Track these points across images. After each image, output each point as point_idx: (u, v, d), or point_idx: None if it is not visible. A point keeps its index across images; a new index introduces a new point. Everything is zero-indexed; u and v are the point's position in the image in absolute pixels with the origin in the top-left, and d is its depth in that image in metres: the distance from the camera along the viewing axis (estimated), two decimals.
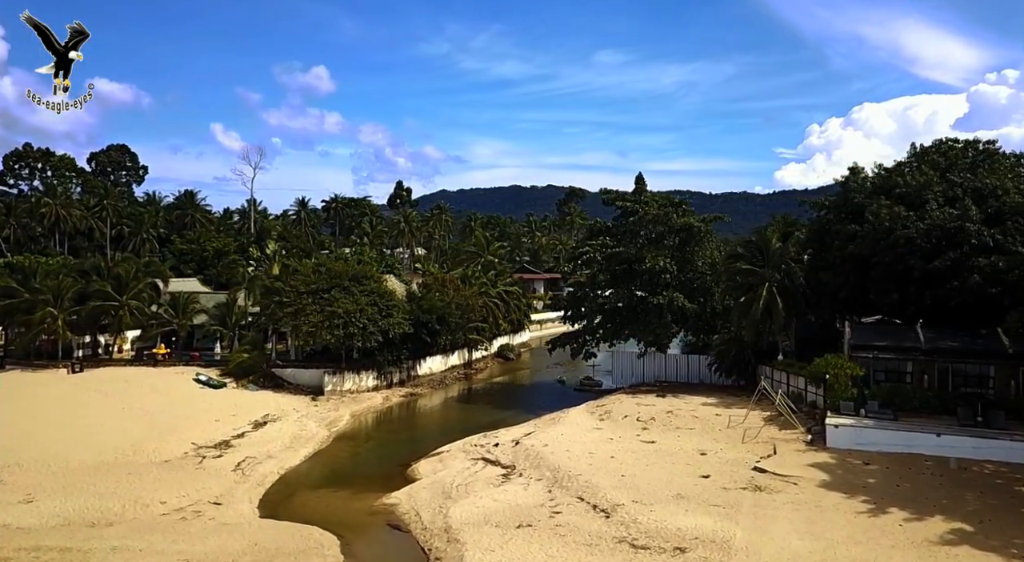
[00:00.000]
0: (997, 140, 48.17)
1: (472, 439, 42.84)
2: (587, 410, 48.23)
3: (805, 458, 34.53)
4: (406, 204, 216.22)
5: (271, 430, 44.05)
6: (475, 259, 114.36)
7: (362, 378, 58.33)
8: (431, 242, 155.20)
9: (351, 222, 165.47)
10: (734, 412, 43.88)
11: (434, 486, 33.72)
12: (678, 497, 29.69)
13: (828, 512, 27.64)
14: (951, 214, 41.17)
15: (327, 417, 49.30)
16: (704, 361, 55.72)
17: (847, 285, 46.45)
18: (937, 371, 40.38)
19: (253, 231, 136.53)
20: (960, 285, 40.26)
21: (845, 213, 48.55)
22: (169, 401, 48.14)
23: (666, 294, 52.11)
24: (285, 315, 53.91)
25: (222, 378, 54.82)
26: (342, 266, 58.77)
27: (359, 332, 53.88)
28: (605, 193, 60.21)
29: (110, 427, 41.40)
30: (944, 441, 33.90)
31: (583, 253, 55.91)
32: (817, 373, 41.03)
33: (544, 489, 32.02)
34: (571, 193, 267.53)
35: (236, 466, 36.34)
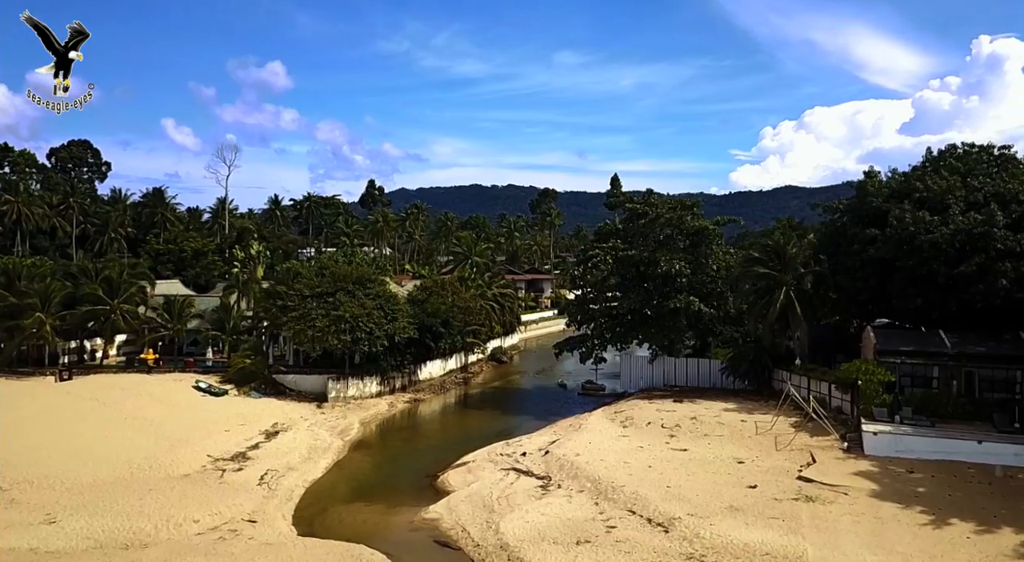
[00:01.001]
0: (1013, 145, 48.56)
1: (495, 448, 41.72)
2: (606, 416, 47.39)
3: (846, 466, 34.09)
4: (378, 203, 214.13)
5: (285, 440, 42.38)
6: (462, 260, 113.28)
7: (366, 384, 56.75)
8: (411, 242, 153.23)
9: (320, 221, 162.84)
10: (758, 418, 43.37)
11: (472, 499, 32.54)
12: (732, 509, 28.97)
13: (890, 524, 27.15)
14: (977, 219, 41.18)
15: (337, 425, 47.72)
16: (715, 365, 55.29)
17: (866, 289, 46.34)
18: (964, 376, 40.38)
19: (228, 231, 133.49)
20: (986, 289, 40.29)
21: (861, 216, 48.50)
22: (172, 410, 46.16)
23: (681, 298, 51.51)
24: (289, 319, 52.11)
25: (222, 385, 52.83)
26: (345, 269, 57.10)
27: (366, 337, 52.36)
28: (611, 195, 59.65)
29: (116, 439, 39.42)
30: (986, 448, 33.71)
31: (593, 256, 55.05)
32: (846, 378, 40.72)
33: (590, 502, 31.10)
34: (544, 194, 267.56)
35: (260, 480, 34.72)
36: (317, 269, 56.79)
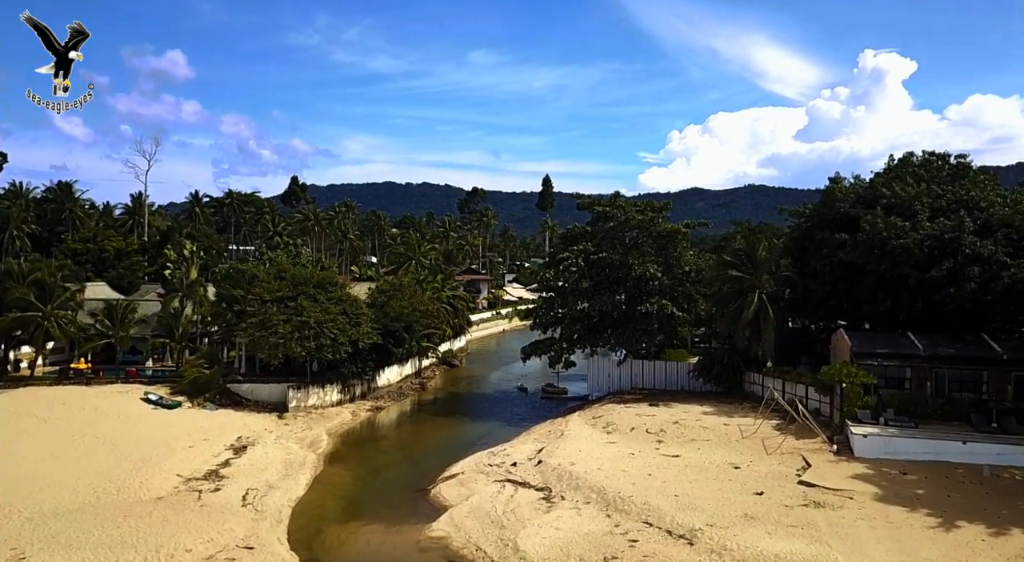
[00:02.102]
0: (968, 155, 50.65)
1: (481, 458, 40.37)
2: (586, 422, 46.72)
3: (841, 469, 34.49)
4: (302, 201, 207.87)
5: (256, 456, 39.75)
6: (405, 261, 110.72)
7: (327, 392, 54.25)
8: (344, 241, 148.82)
9: (240, 219, 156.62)
10: (740, 421, 43.66)
11: (476, 514, 31.18)
12: (748, 518, 28.70)
13: (904, 529, 27.40)
14: (947, 225, 42.64)
15: (305, 437, 45.29)
16: (683, 368, 55.55)
17: (836, 292, 47.41)
18: (935, 377, 41.69)
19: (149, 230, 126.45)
20: (956, 293, 41.76)
21: (828, 221, 49.63)
22: (124, 426, 42.75)
23: (654, 301, 51.42)
24: (248, 326, 49.15)
25: (174, 397, 49.40)
26: (304, 272, 54.41)
27: (330, 343, 49.98)
28: (579, 198, 59.09)
29: (69, 460, 36.04)
30: (970, 448, 34.78)
31: (563, 259, 54.32)
32: (828, 381, 41.41)
33: (600, 514, 30.27)
34: (472, 193, 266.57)
35: (243, 500, 32.26)
36: (275, 272, 53.77)
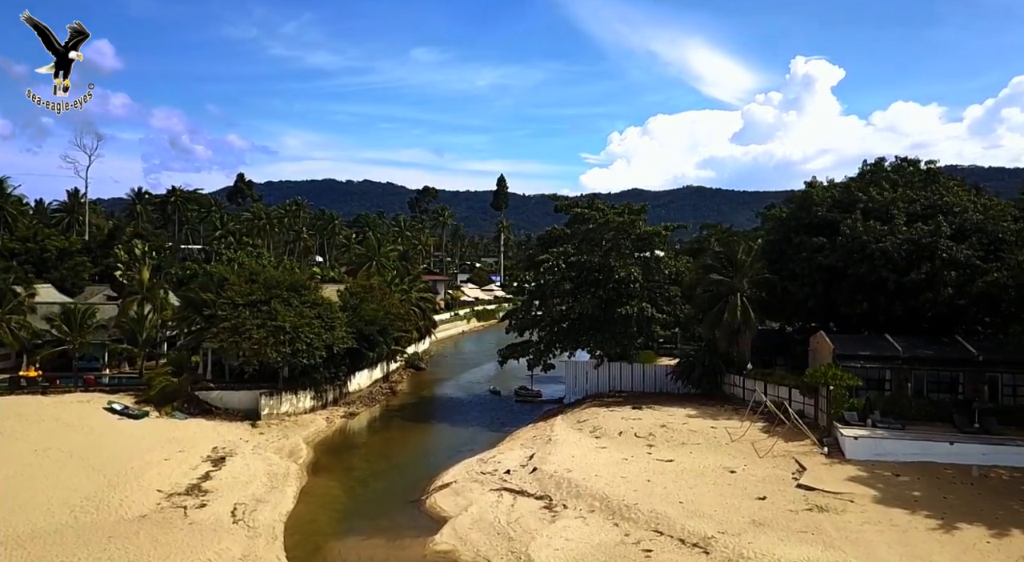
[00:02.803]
0: (937, 160, 52.06)
1: (470, 465, 39.58)
2: (571, 426, 46.27)
3: (836, 472, 34.81)
4: (248, 198, 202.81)
5: (236, 468, 38.07)
6: (365, 262, 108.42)
7: (299, 399, 52.51)
8: (298, 241, 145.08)
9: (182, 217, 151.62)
10: (725, 424, 43.89)
11: (479, 525, 30.38)
12: (756, 524, 28.63)
13: (910, 532, 27.70)
14: (924, 230, 43.63)
15: (283, 447, 43.69)
16: (661, 370, 55.70)
17: (814, 295, 48.09)
18: (914, 378, 42.61)
19: (90, 228, 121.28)
20: (934, 297, 42.77)
21: (805, 225, 50.35)
22: (91, 438, 40.46)
23: (634, 304, 51.33)
24: (221, 331, 47.13)
25: (140, 406, 47.08)
26: (276, 274, 52.56)
27: (306, 348, 48.37)
28: (555, 199, 58.72)
29: (38, 478, 33.81)
30: (957, 449, 35.52)
31: (543, 261, 53.77)
32: (813, 383, 41.88)
33: (608, 522, 29.83)
34: (424, 192, 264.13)
35: (231, 516, 30.78)
36: (246, 275, 51.71)
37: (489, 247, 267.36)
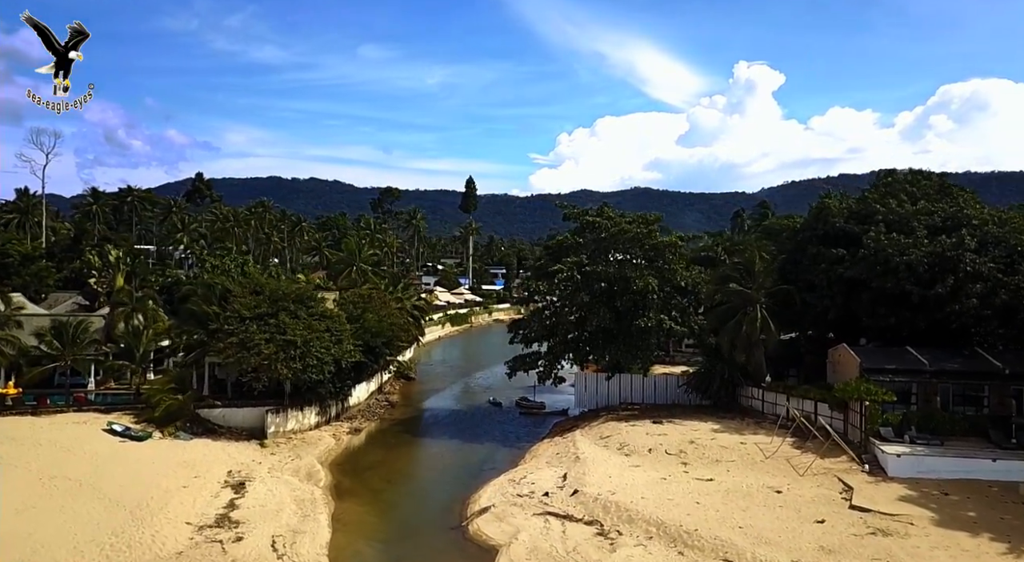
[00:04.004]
0: (946, 173, 52.40)
1: (502, 486, 38.18)
2: (594, 442, 45.20)
3: (884, 491, 34.38)
4: (207, 198, 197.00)
5: (259, 494, 35.97)
6: (345, 266, 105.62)
7: (305, 415, 50.45)
8: (269, 244, 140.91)
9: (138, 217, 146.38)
10: (753, 439, 43.37)
11: (536, 555, 29.02)
12: (825, 550, 27.97)
13: (982, 558, 27.33)
14: (948, 243, 43.71)
15: (298, 468, 41.68)
16: (672, 381, 55.06)
17: (834, 307, 47.91)
18: (940, 391, 42.62)
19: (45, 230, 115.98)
20: (960, 309, 42.87)
21: (821, 236, 50.21)
22: (97, 464, 37.85)
23: (652, 316, 50.51)
24: (228, 346, 44.76)
25: (141, 426, 44.45)
26: (281, 285, 50.27)
27: (317, 363, 46.33)
28: (563, 207, 57.64)
29: (52, 510, 31.37)
30: (1000, 467, 35.41)
31: (559, 271, 52.52)
32: (844, 398, 41.54)
33: (671, 550, 28.82)
34: (386, 192, 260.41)
35: (272, 550, 28.93)
36: (250, 285, 49.29)
37: (448, 247, 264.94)
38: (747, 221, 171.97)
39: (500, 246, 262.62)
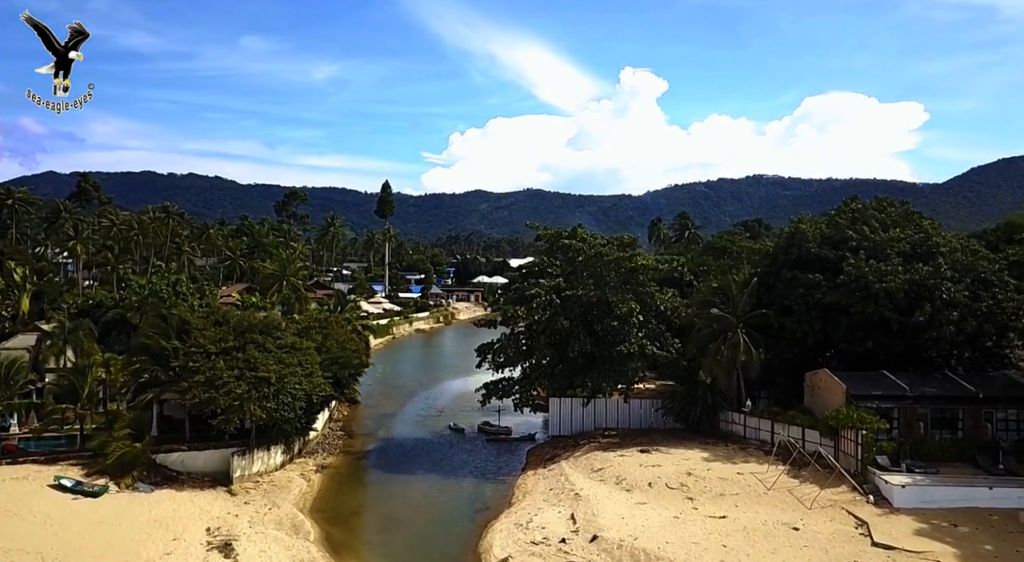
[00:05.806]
0: (909, 201, 54.35)
1: (511, 532, 36.21)
2: (587, 476, 43.94)
3: (896, 525, 34.72)
4: (94, 201, 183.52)
5: (251, 556, 32.58)
6: (273, 283, 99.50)
7: (271, 455, 46.68)
8: (180, 255, 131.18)
9: (18, 222, 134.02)
10: (746, 468, 43.27)
11: None
12: None
13: None
14: (925, 271, 45.08)
15: (280, 519, 38.28)
16: (647, 406, 54.57)
17: (812, 332, 48.62)
18: (918, 416, 43.83)
19: None
20: (937, 336, 44.30)
21: (795, 261, 50.95)
22: (51, 531, 33.37)
23: (633, 342, 49.73)
24: (193, 385, 40.60)
25: (92, 478, 39.67)
26: (246, 316, 46.26)
27: (291, 401, 42.87)
28: (535, 227, 56.17)
29: None
30: (996, 494, 36.46)
31: (535, 295, 50.87)
32: (836, 425, 41.96)
33: None
34: (292, 194, 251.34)
35: None
36: (212, 317, 45.01)
37: (347, 250, 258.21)
38: (664, 230, 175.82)
39: (409, 249, 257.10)
